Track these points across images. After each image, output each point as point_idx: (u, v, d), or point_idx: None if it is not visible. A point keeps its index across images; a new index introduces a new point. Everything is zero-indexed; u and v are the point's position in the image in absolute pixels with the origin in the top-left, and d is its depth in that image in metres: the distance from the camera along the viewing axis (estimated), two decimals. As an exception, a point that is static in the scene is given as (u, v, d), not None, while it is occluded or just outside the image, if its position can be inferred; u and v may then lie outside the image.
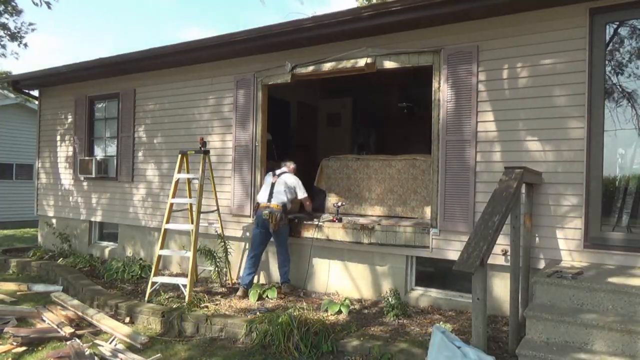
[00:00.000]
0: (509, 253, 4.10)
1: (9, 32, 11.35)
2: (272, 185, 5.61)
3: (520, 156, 4.53)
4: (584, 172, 4.22)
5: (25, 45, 12.07)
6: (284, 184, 5.60)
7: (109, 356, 4.03)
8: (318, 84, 9.11)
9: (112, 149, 8.07)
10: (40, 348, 4.32)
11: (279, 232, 5.53)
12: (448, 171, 4.86)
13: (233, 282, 6.12)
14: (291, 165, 5.91)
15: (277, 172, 5.74)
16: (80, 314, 5.07)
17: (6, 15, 10.88)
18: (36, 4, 9.02)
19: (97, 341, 4.37)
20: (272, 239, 5.68)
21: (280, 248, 5.63)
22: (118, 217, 7.82)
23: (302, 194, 5.69)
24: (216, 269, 6.03)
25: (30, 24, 11.83)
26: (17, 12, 11.00)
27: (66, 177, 8.71)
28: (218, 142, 6.54)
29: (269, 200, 5.53)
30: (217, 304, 5.20)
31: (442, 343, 3.19)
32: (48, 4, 9.42)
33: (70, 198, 8.59)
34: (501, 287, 4.61)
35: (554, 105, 4.38)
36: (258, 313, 4.81)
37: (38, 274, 7.27)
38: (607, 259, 4.12)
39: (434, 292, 5.15)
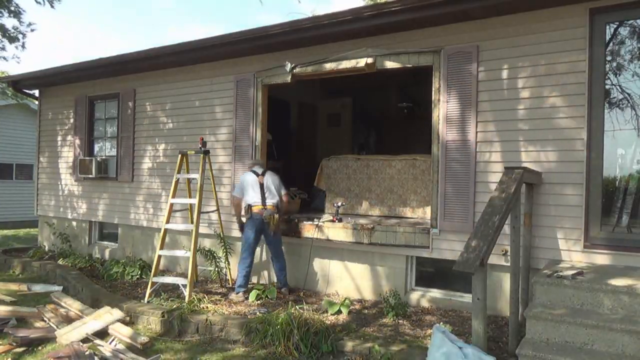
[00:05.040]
0: (509, 253, 4.10)
1: (7, 35, 11.31)
2: (261, 185, 5.51)
3: (520, 156, 4.53)
4: (584, 172, 4.21)
5: (23, 45, 12.06)
6: (272, 184, 5.54)
7: (109, 356, 4.03)
8: (318, 84, 9.11)
9: (112, 149, 8.07)
10: (40, 348, 4.32)
11: (277, 233, 5.52)
12: (448, 171, 4.86)
13: (233, 282, 6.11)
14: (261, 161, 5.91)
15: (258, 171, 5.63)
16: (79, 314, 5.06)
17: (7, 15, 10.86)
18: (39, 3, 9.00)
19: (96, 341, 4.37)
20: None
21: (277, 250, 5.60)
22: (118, 217, 7.82)
23: (284, 191, 5.71)
24: (216, 269, 6.03)
25: (30, 24, 11.81)
26: (17, 14, 10.96)
27: (66, 177, 8.71)
28: (218, 142, 6.54)
29: (264, 202, 5.48)
30: (217, 304, 5.20)
31: (442, 343, 3.20)
32: (51, 3, 9.41)
33: (71, 198, 8.59)
34: (501, 287, 4.61)
35: (554, 105, 4.37)
36: (258, 313, 4.80)
37: (38, 274, 7.27)
38: (607, 259, 4.12)
39: (434, 292, 5.15)
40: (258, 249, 6.04)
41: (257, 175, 5.59)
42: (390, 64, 5.23)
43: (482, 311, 3.08)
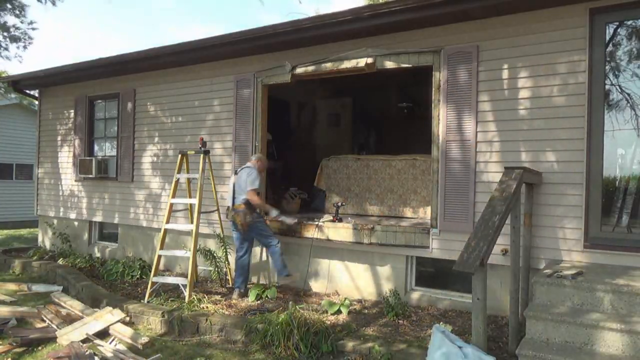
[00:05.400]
0: (509, 253, 4.10)
1: (9, 35, 11.32)
2: (233, 185, 5.48)
3: (520, 156, 4.53)
4: (584, 172, 4.21)
5: (25, 46, 12.06)
6: (243, 181, 5.38)
7: (109, 356, 4.03)
8: (318, 84, 9.11)
9: (112, 149, 8.07)
10: (40, 348, 4.33)
11: (252, 229, 5.38)
12: (448, 171, 4.86)
13: (233, 282, 6.12)
14: (253, 158, 5.64)
15: (238, 169, 5.56)
16: (80, 314, 5.07)
17: (10, 14, 10.85)
18: (40, 1, 8.98)
19: (97, 341, 4.37)
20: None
21: (263, 240, 5.50)
22: (118, 217, 7.82)
23: (249, 186, 5.23)
24: (216, 269, 6.03)
25: (31, 22, 11.81)
26: (21, 8, 10.94)
27: (66, 177, 8.71)
28: (218, 142, 6.54)
29: (233, 201, 5.43)
30: (217, 304, 5.20)
31: (442, 343, 3.20)
32: (53, 2, 9.38)
33: (71, 198, 8.59)
34: (501, 287, 4.61)
35: (554, 105, 4.38)
36: (258, 313, 4.81)
37: (38, 274, 7.27)
38: (607, 259, 4.12)
39: (434, 292, 5.15)
40: (257, 249, 6.05)
41: (235, 174, 5.53)
42: (390, 64, 5.23)
43: (482, 311, 3.08)
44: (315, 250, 5.75)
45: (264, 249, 6.15)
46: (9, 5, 10.51)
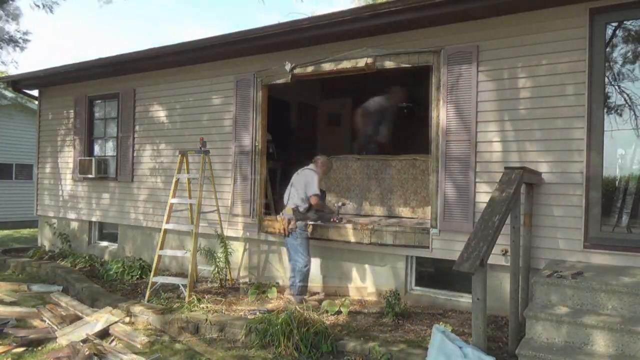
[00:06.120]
0: (509, 253, 4.09)
1: (6, 38, 11.34)
2: (291, 185, 5.43)
3: (520, 156, 4.53)
4: (584, 172, 4.21)
5: (22, 49, 12.09)
6: (298, 184, 5.34)
7: (109, 356, 4.03)
8: (318, 84, 9.10)
9: (112, 149, 8.07)
10: (39, 348, 4.33)
11: (290, 237, 5.26)
12: (448, 171, 4.86)
13: (233, 282, 6.12)
14: (318, 159, 5.51)
15: (300, 170, 5.45)
16: (79, 314, 5.07)
17: (5, 18, 10.88)
18: (37, 6, 8.95)
19: (96, 341, 4.36)
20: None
21: (294, 255, 5.27)
22: (118, 217, 7.82)
23: (310, 191, 5.25)
24: (216, 269, 6.03)
25: (25, 33, 11.86)
26: (15, 16, 10.98)
27: (66, 177, 8.71)
28: (218, 142, 6.54)
29: (287, 202, 5.38)
30: (217, 304, 5.19)
31: (442, 343, 3.20)
32: (50, 8, 9.33)
33: (70, 198, 8.59)
34: (501, 287, 4.61)
35: (553, 105, 4.37)
36: (258, 313, 4.80)
37: (38, 274, 7.27)
38: (607, 259, 4.12)
39: (434, 293, 5.14)
40: (254, 249, 6.04)
41: (297, 173, 5.42)
42: (389, 64, 5.23)
43: (482, 311, 3.08)
44: (315, 250, 5.74)
45: (262, 246, 6.16)
46: (2, 12, 10.51)
